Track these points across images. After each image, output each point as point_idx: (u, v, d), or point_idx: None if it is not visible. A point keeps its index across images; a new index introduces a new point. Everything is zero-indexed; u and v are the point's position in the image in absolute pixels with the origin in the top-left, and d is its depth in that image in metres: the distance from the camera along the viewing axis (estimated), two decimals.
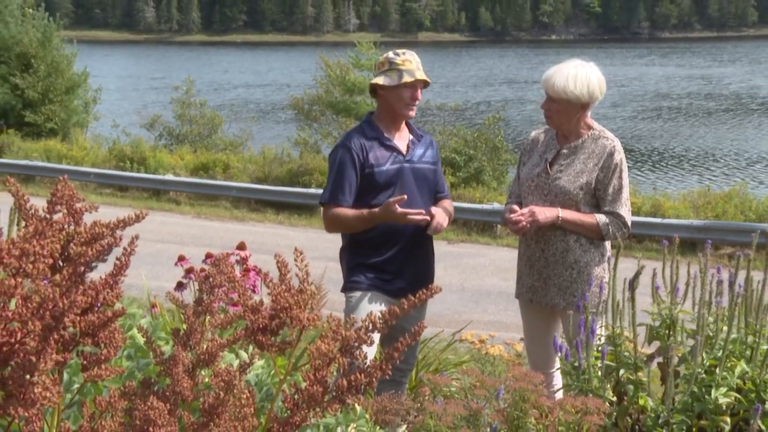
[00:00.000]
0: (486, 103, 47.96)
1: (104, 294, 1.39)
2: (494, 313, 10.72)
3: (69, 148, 24.40)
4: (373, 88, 4.76)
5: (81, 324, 1.36)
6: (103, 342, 1.41)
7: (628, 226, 4.61)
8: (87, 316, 1.37)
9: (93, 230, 1.33)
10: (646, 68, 75.73)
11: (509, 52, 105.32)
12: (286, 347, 1.59)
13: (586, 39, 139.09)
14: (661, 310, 3.91)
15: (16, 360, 1.21)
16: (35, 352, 1.20)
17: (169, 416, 1.48)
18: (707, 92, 56.55)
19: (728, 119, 44.81)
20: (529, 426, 2.98)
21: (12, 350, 1.21)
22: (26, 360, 1.20)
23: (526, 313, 4.86)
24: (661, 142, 36.54)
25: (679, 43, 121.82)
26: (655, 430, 3.59)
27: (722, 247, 14.58)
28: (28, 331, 1.20)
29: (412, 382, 5.40)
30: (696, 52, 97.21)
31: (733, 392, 3.62)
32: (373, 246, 4.69)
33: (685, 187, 22.71)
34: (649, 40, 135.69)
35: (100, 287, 1.38)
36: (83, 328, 1.37)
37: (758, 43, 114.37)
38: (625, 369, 3.77)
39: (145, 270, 7.24)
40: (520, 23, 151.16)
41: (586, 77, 4.53)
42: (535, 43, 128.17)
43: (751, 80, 63.51)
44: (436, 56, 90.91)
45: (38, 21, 28.25)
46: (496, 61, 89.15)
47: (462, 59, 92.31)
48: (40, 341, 1.20)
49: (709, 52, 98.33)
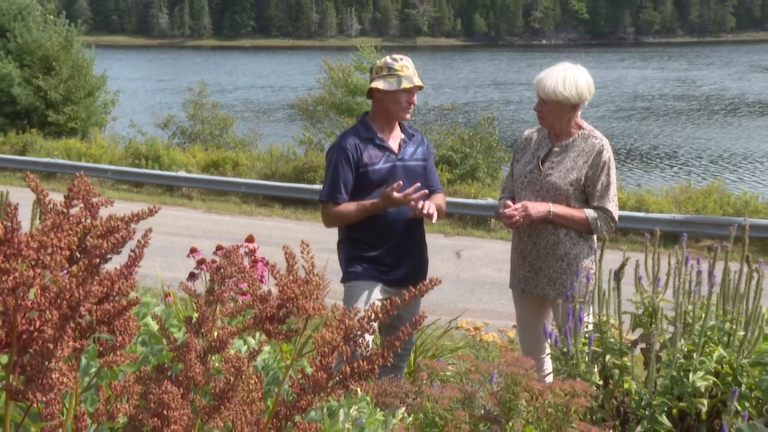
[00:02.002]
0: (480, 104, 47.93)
1: (119, 284, 1.39)
2: (488, 302, 10.73)
3: (88, 146, 24.38)
4: (371, 90, 4.76)
5: (97, 313, 1.36)
6: (118, 329, 1.41)
7: (616, 220, 4.62)
8: (103, 305, 1.37)
9: (108, 223, 1.33)
10: (631, 71, 75.67)
11: (502, 55, 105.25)
12: (292, 335, 1.59)
13: (575, 44, 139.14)
14: (643, 299, 3.91)
15: (35, 347, 1.21)
16: (53, 339, 1.20)
17: (182, 400, 1.48)
18: (688, 94, 56.54)
19: (708, 119, 44.81)
20: (520, 408, 2.98)
21: (31, 338, 1.21)
22: (44, 347, 1.20)
23: (519, 303, 4.87)
24: (645, 141, 36.57)
25: (662, 47, 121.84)
26: (639, 411, 3.60)
27: (702, 240, 14.58)
28: (46, 320, 1.20)
29: (411, 366, 5.40)
30: (678, 56, 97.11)
31: (710, 376, 3.62)
32: (369, 240, 4.71)
33: (667, 183, 22.68)
34: (634, 44, 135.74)
35: (115, 278, 1.38)
36: (99, 317, 1.37)
37: (735, 48, 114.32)
38: (611, 354, 3.77)
39: (159, 261, 7.23)
40: (512, 29, 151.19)
41: (575, 79, 4.53)
42: (527, 48, 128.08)
43: (727, 83, 63.49)
44: (433, 60, 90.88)
45: (60, 27, 28.27)
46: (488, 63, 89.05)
47: (458, 63, 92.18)
48: (57, 330, 1.20)
49: (690, 56, 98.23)
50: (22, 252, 1.17)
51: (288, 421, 1.43)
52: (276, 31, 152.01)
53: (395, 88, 4.63)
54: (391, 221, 4.67)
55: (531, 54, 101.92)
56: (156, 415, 1.46)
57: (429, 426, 2.97)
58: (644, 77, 68.35)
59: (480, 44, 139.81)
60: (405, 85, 4.62)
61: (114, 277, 1.37)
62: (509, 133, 32.11)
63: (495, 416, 3.02)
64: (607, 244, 4.25)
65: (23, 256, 1.17)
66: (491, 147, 21.12)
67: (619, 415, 3.71)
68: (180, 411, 1.46)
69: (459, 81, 65.60)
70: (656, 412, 3.55)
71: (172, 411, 1.45)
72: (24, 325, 1.21)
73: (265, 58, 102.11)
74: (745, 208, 16.24)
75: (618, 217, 4.65)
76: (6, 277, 1.16)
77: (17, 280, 1.17)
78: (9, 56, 27.14)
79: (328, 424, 2.40)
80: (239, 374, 1.47)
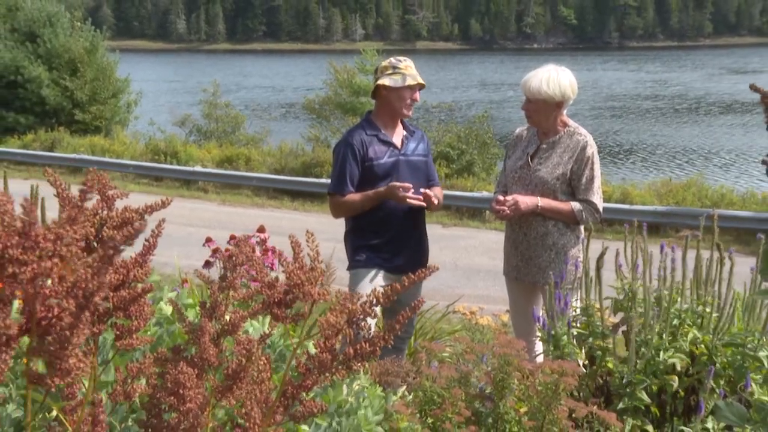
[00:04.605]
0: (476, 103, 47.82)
1: (134, 272, 1.40)
2: (483, 288, 10.72)
3: (111, 143, 24.39)
4: (376, 89, 4.78)
5: (114, 299, 1.37)
6: (133, 315, 1.42)
7: (600, 211, 4.62)
8: (119, 292, 1.38)
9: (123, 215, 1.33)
10: (616, 73, 75.49)
11: (496, 58, 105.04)
12: (299, 319, 1.59)
13: (564, 47, 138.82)
14: (623, 285, 3.92)
15: (53, 335, 1.21)
16: (69, 327, 1.21)
17: (197, 380, 1.49)
18: (669, 94, 56.38)
19: (687, 118, 44.70)
20: (512, 386, 2.99)
21: (50, 324, 1.22)
22: (62, 335, 1.21)
23: (511, 289, 4.88)
24: (629, 138, 36.49)
25: (645, 51, 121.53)
26: (621, 389, 3.61)
27: (682, 230, 14.55)
28: (63, 309, 1.21)
29: (411, 348, 5.40)
30: (658, 59, 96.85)
31: (681, 354, 3.63)
32: (374, 230, 4.73)
33: (650, 178, 22.66)
34: (618, 48, 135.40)
35: (130, 266, 1.39)
36: (116, 303, 1.38)
37: (712, 51, 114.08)
38: (595, 337, 3.78)
39: (177, 250, 7.23)
40: (505, 33, 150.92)
41: (558, 79, 4.54)
42: (519, 51, 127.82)
43: (704, 84, 63.35)
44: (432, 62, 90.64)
45: (86, 32, 28.29)
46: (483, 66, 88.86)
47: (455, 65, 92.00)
48: (74, 318, 1.20)
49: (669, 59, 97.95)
50: (39, 244, 1.17)
51: (295, 399, 1.44)
52: (285, 35, 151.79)
53: (400, 85, 4.67)
54: (393, 212, 4.71)
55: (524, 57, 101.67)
56: (172, 393, 1.47)
57: (428, 403, 2.98)
58: (633, 79, 68.10)
59: (476, 48, 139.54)
60: (409, 82, 4.67)
61: (129, 265, 1.38)
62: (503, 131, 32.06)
63: (489, 394, 3.03)
64: (594, 234, 4.26)
65: (41, 248, 1.17)
66: (486, 144, 21.09)
67: (602, 393, 3.72)
68: (195, 390, 1.47)
69: (456, 82, 65.45)
70: (636, 389, 3.56)
71: (187, 390, 1.46)
72: (43, 313, 1.21)
73: (275, 61, 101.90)
74: (721, 201, 16.23)
75: (602, 208, 4.65)
76: (25, 268, 1.16)
77: (35, 270, 1.17)
78: (39, 60, 27.17)
79: (332, 396, 2.41)
80: (250, 356, 1.48)
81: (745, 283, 3.79)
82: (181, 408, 1.47)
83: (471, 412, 2.94)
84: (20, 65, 26.70)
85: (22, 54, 26.99)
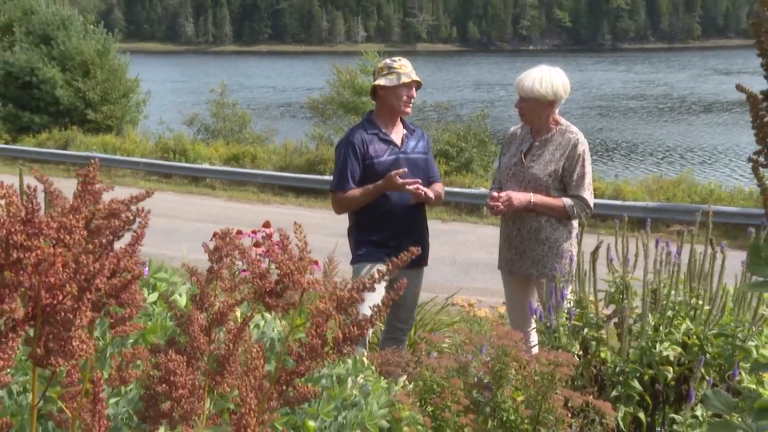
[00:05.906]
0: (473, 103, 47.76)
1: (124, 261, 1.41)
2: (481, 281, 10.71)
3: (122, 141, 24.37)
4: (374, 89, 4.79)
5: (106, 287, 1.39)
6: (125, 303, 1.43)
7: (591, 207, 4.61)
8: (111, 281, 1.40)
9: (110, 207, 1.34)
10: (606, 74, 75.37)
11: (492, 60, 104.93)
12: (289, 307, 1.61)
13: (559, 49, 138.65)
14: (615, 278, 3.91)
15: (57, 318, 1.22)
16: (72, 310, 1.21)
17: (188, 367, 1.51)
18: (660, 94, 56.29)
19: (677, 117, 44.66)
20: (509, 376, 2.99)
21: (54, 310, 1.22)
22: (65, 317, 1.21)
23: (507, 282, 4.88)
24: (621, 137, 36.45)
25: (636, 53, 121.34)
26: (614, 378, 3.60)
27: (672, 225, 14.54)
28: (66, 293, 1.21)
29: (411, 339, 5.41)
30: (648, 60, 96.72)
31: (676, 346, 3.63)
32: (375, 225, 4.73)
33: (641, 174, 22.63)
34: (611, 50, 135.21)
35: (120, 255, 1.40)
36: (108, 291, 1.39)
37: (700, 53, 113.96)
38: (589, 328, 3.78)
39: (186, 245, 7.23)
40: (502, 35, 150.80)
41: (550, 79, 4.54)
42: (515, 53, 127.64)
43: (693, 84, 63.26)
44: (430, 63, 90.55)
45: (98, 35, 28.30)
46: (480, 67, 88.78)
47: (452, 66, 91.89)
48: (76, 301, 1.21)
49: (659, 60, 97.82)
50: (43, 231, 1.18)
51: (288, 385, 1.45)
52: (290, 37, 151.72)
53: (395, 83, 4.67)
54: (394, 209, 4.70)
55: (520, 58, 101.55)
56: (164, 381, 1.49)
57: (428, 392, 2.98)
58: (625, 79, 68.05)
59: (473, 49, 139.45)
60: (404, 80, 4.67)
61: (120, 255, 1.39)
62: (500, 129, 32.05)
63: (487, 383, 3.03)
64: (587, 229, 4.25)
65: (44, 235, 1.18)
66: (483, 142, 21.06)
67: (596, 382, 3.72)
68: (185, 377, 1.48)
69: (451, 82, 65.34)
70: (629, 378, 3.56)
71: (177, 377, 1.48)
72: (47, 299, 1.22)
73: (280, 62, 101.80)
74: (710, 197, 16.20)
75: (593, 204, 4.65)
76: (29, 254, 1.17)
77: (39, 257, 1.18)
78: (53, 62, 27.17)
79: (338, 390, 2.40)
80: (236, 340, 1.50)
81: (736, 275, 3.78)
82: (173, 394, 1.49)
83: (470, 401, 2.93)
84: (35, 67, 26.71)
85: (37, 56, 26.99)
